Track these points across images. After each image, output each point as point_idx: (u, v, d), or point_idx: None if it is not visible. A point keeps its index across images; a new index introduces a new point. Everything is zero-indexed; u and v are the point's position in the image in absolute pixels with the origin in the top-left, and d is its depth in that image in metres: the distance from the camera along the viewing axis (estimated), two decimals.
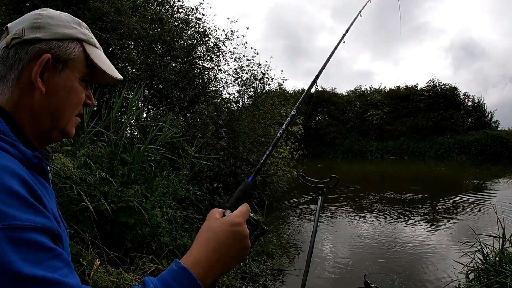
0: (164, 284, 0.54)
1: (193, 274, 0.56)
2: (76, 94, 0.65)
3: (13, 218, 0.46)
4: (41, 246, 0.48)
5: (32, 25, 0.61)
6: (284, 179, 8.03)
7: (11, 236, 0.45)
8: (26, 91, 0.60)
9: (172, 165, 4.72)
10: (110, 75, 0.70)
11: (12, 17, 5.23)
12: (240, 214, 0.64)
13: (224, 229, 0.61)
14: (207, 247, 0.60)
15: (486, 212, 7.08)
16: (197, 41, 8.09)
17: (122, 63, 7.26)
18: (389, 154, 26.72)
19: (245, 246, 0.63)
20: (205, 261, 0.58)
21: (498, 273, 2.92)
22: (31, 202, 0.50)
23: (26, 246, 0.46)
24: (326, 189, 2.21)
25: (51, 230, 0.51)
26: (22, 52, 0.60)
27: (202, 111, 6.72)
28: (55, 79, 0.62)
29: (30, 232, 0.47)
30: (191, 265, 0.57)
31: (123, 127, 4.48)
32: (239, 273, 3.85)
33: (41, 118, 0.62)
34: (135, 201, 3.06)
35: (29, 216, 0.48)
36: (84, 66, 0.66)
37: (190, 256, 0.59)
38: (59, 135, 0.67)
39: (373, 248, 5.08)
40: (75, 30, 0.65)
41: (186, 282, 0.55)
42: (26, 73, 0.60)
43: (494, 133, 23.87)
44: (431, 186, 11.68)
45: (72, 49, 0.64)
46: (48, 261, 0.48)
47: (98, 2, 5.97)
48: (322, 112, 32.14)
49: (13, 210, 0.47)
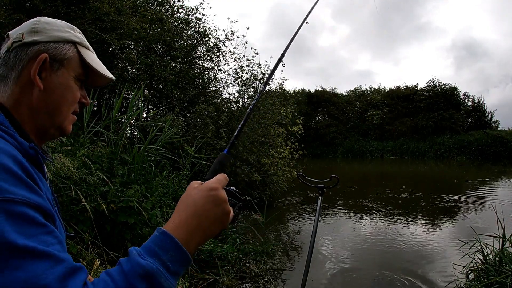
0: (147, 250, 0.55)
1: (174, 238, 0.56)
2: (71, 92, 0.70)
3: (8, 192, 0.48)
4: (34, 221, 0.50)
5: (31, 29, 0.67)
6: (284, 179, 8.03)
7: (5, 209, 0.47)
8: (25, 88, 0.65)
9: (172, 165, 4.72)
10: (102, 74, 0.74)
11: (12, 17, 5.23)
12: (217, 181, 0.65)
13: (201, 195, 0.62)
14: (186, 213, 0.61)
15: (486, 212, 7.08)
16: (197, 41, 8.09)
17: (122, 63, 7.26)
18: (389, 154, 26.73)
19: (224, 211, 0.63)
20: (185, 226, 0.59)
21: (498, 273, 2.92)
22: (26, 180, 0.52)
23: (19, 219, 0.48)
24: (326, 189, 2.21)
25: (44, 209, 0.53)
26: (22, 53, 0.66)
27: (202, 111, 6.72)
28: (52, 77, 0.67)
29: (24, 206, 0.49)
30: (171, 229, 0.58)
31: (123, 127, 4.48)
32: (239, 273, 3.85)
33: (39, 114, 0.66)
34: (135, 201, 3.06)
35: (24, 193, 0.50)
36: (78, 66, 0.71)
37: (170, 223, 0.60)
38: (56, 132, 0.71)
39: (373, 248, 5.08)
40: (69, 34, 0.71)
41: (168, 246, 0.56)
42: (25, 72, 0.65)
43: (494, 133, 23.88)
44: (431, 186, 11.68)
45: (67, 50, 0.69)
46: (41, 236, 0.49)
47: (98, 2, 5.97)
48: (322, 112, 32.16)
49: (8, 185, 0.49)
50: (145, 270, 0.52)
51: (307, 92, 32.23)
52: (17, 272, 0.45)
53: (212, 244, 3.89)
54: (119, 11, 6.43)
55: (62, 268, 0.49)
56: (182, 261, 0.57)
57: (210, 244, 3.84)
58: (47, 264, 0.47)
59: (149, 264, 0.53)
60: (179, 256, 0.56)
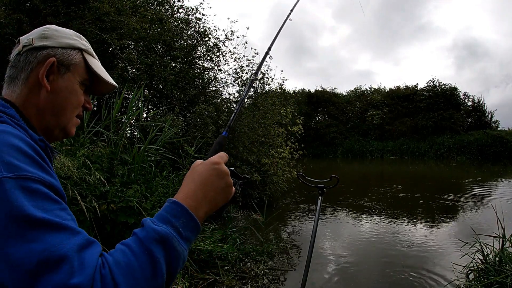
0: (160, 218, 0.59)
1: (184, 206, 0.62)
2: (76, 95, 0.75)
3: (24, 170, 0.53)
4: (49, 197, 0.53)
5: (41, 35, 0.72)
6: (284, 179, 8.02)
7: (23, 185, 0.51)
8: (34, 89, 0.70)
9: (172, 165, 4.72)
10: (106, 81, 0.79)
11: (11, 17, 5.23)
12: (219, 157, 0.73)
13: (206, 168, 0.69)
14: (194, 184, 0.67)
15: (486, 212, 7.08)
16: (197, 41, 8.08)
17: (122, 63, 7.26)
18: (389, 154, 26.72)
19: (227, 183, 0.70)
20: (193, 196, 0.65)
21: (498, 273, 2.92)
22: (38, 161, 0.57)
23: (36, 195, 0.52)
24: (326, 189, 2.20)
25: (57, 188, 0.57)
26: (32, 57, 0.71)
27: (202, 111, 6.71)
28: (59, 80, 0.72)
29: (39, 184, 0.53)
30: (181, 199, 0.63)
31: (123, 127, 4.47)
32: (239, 273, 3.85)
33: (46, 114, 0.71)
34: (135, 201, 3.06)
35: (38, 172, 0.54)
36: (83, 71, 0.76)
37: (179, 194, 0.66)
38: (61, 133, 0.75)
39: (373, 248, 5.08)
40: (77, 41, 0.76)
41: (179, 213, 0.61)
42: (34, 74, 0.70)
43: (494, 133, 23.87)
44: (431, 186, 11.69)
45: (73, 56, 0.74)
46: (56, 211, 0.52)
47: (98, 2, 5.97)
48: (322, 112, 32.16)
49: (23, 164, 0.53)
50: (160, 235, 0.56)
51: (307, 92, 32.22)
52: (35, 244, 0.47)
53: (212, 244, 3.89)
54: (119, 11, 6.43)
55: (78, 239, 0.51)
56: (193, 227, 0.62)
57: (210, 244, 3.84)
58: (63, 235, 0.50)
59: (163, 229, 0.57)
60: (189, 222, 0.61)
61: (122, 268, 0.51)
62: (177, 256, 0.57)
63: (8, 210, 0.48)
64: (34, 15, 5.80)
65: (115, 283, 0.49)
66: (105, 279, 0.49)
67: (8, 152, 0.53)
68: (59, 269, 0.47)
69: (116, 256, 0.53)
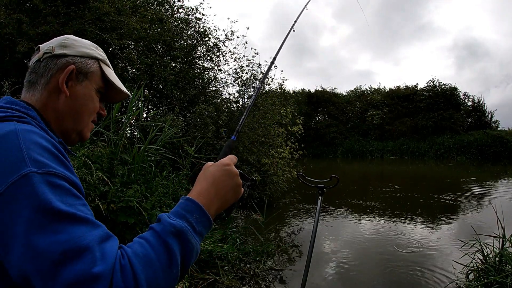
0: (175, 213, 0.64)
1: (198, 202, 0.67)
2: (92, 101, 0.80)
3: (50, 166, 0.56)
4: (72, 193, 0.57)
5: (61, 44, 0.77)
6: (284, 179, 8.02)
7: (48, 180, 0.55)
8: (53, 94, 0.74)
9: (172, 165, 4.71)
10: (120, 89, 0.85)
11: (12, 17, 5.23)
12: (229, 159, 0.78)
13: (218, 169, 0.75)
14: (206, 183, 0.72)
15: (486, 212, 7.08)
16: (197, 41, 8.09)
17: (122, 63, 7.26)
18: (389, 154, 26.71)
19: (236, 182, 0.75)
20: (206, 193, 0.70)
21: (498, 273, 2.92)
22: (62, 159, 0.61)
23: (60, 190, 0.55)
24: (326, 189, 2.20)
25: (78, 186, 0.61)
26: (52, 64, 0.75)
27: (202, 111, 6.71)
28: (77, 87, 0.76)
29: (62, 180, 0.57)
30: (194, 196, 0.68)
31: (123, 127, 4.47)
32: (239, 273, 3.85)
33: (64, 118, 0.76)
34: (135, 201, 3.06)
35: (61, 169, 0.58)
36: (100, 80, 0.81)
37: (192, 192, 0.71)
38: (77, 137, 0.80)
39: (373, 248, 5.07)
40: (94, 51, 0.81)
41: (193, 209, 0.65)
42: (53, 80, 0.74)
43: (494, 133, 23.86)
44: (431, 186, 11.68)
45: (91, 65, 0.79)
46: (78, 206, 0.56)
47: (98, 2, 5.97)
48: (322, 112, 32.15)
49: (49, 161, 0.57)
50: (176, 228, 0.60)
51: (307, 92, 32.21)
52: (60, 235, 0.51)
53: (212, 244, 3.89)
54: (119, 11, 6.43)
55: (99, 232, 0.55)
56: (205, 222, 0.66)
57: (210, 244, 3.84)
58: (85, 228, 0.53)
59: (179, 223, 0.61)
60: (202, 217, 0.66)
61: (141, 259, 0.54)
62: (191, 249, 0.61)
63: (35, 202, 0.51)
64: (34, 15, 5.80)
65: (134, 272, 0.52)
66: (124, 269, 0.52)
67: (34, 150, 0.57)
68: (82, 259, 0.50)
69: (134, 248, 0.56)
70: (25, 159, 0.55)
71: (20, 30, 5.31)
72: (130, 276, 0.52)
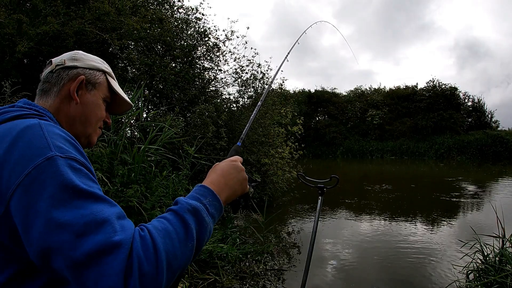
0: (191, 197, 0.73)
1: (211, 188, 0.77)
2: (100, 109, 0.88)
3: (71, 153, 0.63)
4: (90, 177, 0.63)
5: (71, 57, 0.86)
6: (284, 179, 8.02)
7: (70, 164, 0.61)
8: (64, 100, 0.82)
9: (172, 165, 4.71)
10: (124, 99, 0.94)
11: (12, 17, 5.22)
12: (235, 157, 0.91)
13: (226, 164, 0.87)
14: (216, 174, 0.83)
15: (486, 212, 7.08)
16: (197, 41, 8.08)
17: (122, 63, 7.26)
18: (389, 154, 26.70)
19: (243, 176, 0.87)
20: (217, 182, 0.80)
21: (498, 273, 2.92)
22: (81, 150, 0.67)
23: (80, 173, 0.61)
24: (326, 189, 2.20)
25: (94, 176, 0.66)
26: (64, 74, 0.83)
27: (202, 111, 6.71)
28: (86, 95, 0.85)
29: (82, 165, 0.63)
30: (207, 184, 0.79)
31: (123, 127, 4.47)
32: (239, 273, 3.85)
33: (75, 122, 0.83)
34: (135, 201, 3.06)
35: (80, 156, 0.64)
36: (106, 90, 0.89)
37: (205, 181, 0.81)
38: (85, 141, 0.87)
39: (373, 248, 5.07)
40: (101, 65, 0.90)
41: (206, 194, 0.75)
42: (65, 88, 0.82)
43: (494, 133, 23.86)
44: (431, 186, 11.68)
45: (99, 76, 0.88)
46: (96, 188, 0.61)
47: (98, 2, 5.96)
48: (322, 112, 32.13)
49: (70, 149, 0.64)
50: (192, 206, 0.68)
51: (307, 92, 32.19)
52: (82, 209, 0.56)
53: (212, 244, 3.89)
54: (119, 11, 6.42)
55: (117, 209, 0.61)
56: (217, 206, 0.75)
57: (210, 244, 3.84)
58: (105, 205, 0.59)
59: (195, 202, 0.70)
60: (214, 201, 0.75)
61: (159, 231, 0.60)
62: (205, 226, 0.68)
63: (60, 181, 0.57)
64: (34, 15, 5.79)
65: (154, 241, 0.58)
66: (144, 238, 0.58)
67: (57, 139, 0.64)
68: (103, 229, 0.55)
69: (153, 223, 0.63)
70: (50, 145, 0.61)
71: (20, 30, 5.31)
72: (150, 244, 0.57)
